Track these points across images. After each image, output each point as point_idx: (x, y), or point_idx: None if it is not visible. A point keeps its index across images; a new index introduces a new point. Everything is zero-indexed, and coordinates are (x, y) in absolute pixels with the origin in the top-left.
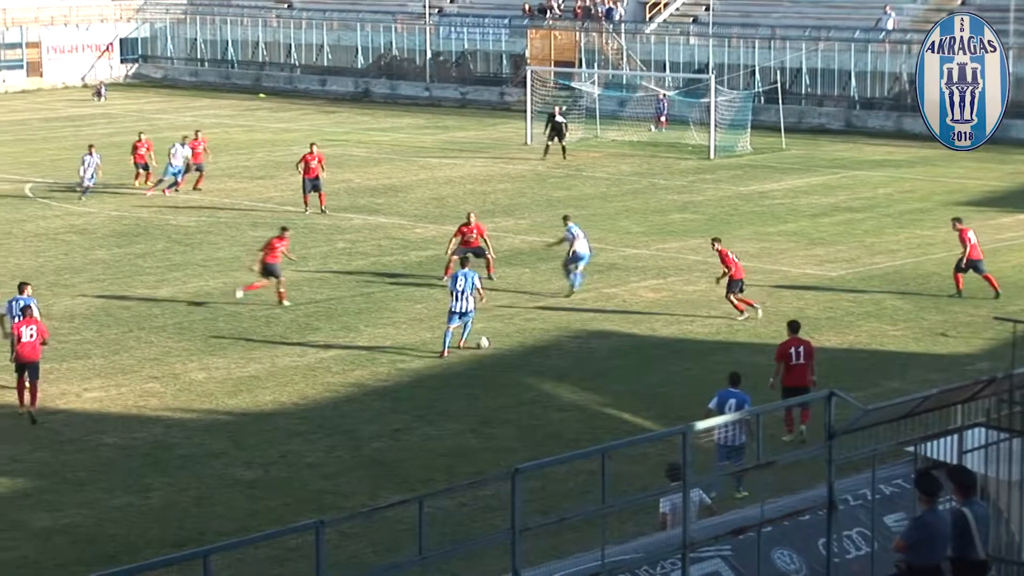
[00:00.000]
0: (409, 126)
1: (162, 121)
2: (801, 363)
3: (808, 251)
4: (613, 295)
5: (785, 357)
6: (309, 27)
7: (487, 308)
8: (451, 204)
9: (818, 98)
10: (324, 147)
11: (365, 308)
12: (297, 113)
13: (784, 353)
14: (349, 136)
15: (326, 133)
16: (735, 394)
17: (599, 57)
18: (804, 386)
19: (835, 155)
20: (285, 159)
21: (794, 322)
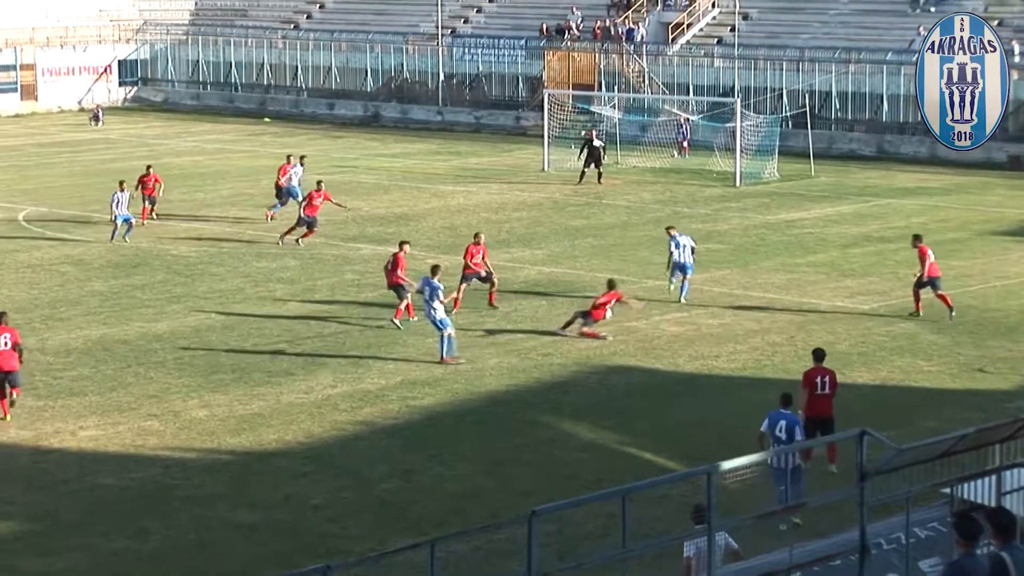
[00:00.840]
0: (421, 152)
1: (163, 147)
2: (826, 393)
3: (838, 283)
4: (634, 329)
5: (811, 385)
6: (316, 48)
7: (501, 343)
8: (464, 233)
9: (848, 123)
10: (333, 173)
11: (375, 342)
12: (304, 138)
13: (810, 381)
14: (358, 162)
15: (334, 159)
16: (785, 415)
17: (619, 80)
18: (827, 416)
19: (866, 182)
20: None
21: (819, 350)
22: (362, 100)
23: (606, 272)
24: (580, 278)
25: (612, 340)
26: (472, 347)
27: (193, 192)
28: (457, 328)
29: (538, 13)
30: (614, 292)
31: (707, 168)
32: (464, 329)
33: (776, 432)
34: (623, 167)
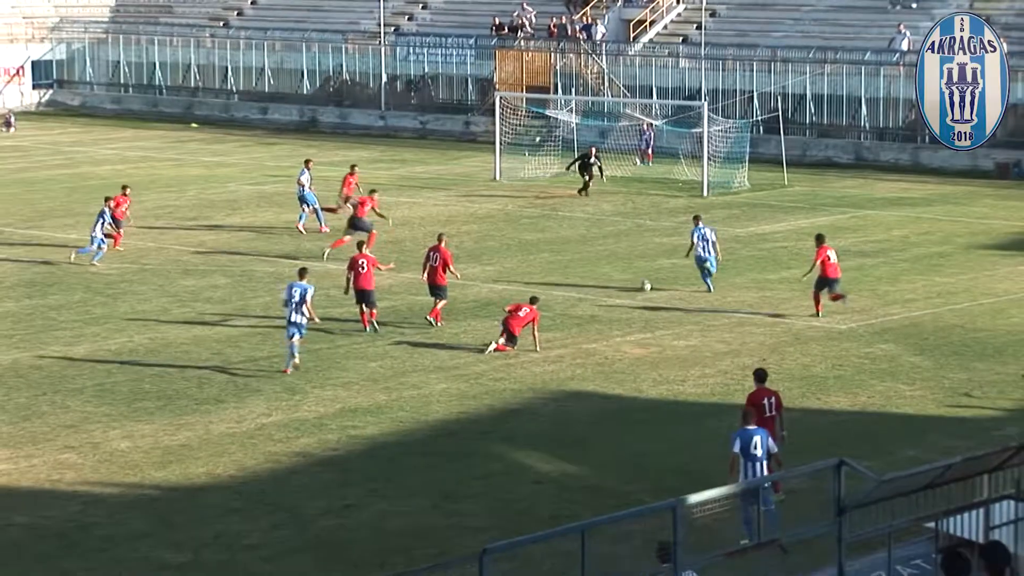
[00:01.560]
0: (362, 160)
1: (80, 155)
2: (772, 415)
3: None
4: (593, 351)
5: (759, 409)
6: (248, 48)
7: (449, 367)
8: (409, 248)
9: (824, 128)
10: (264, 184)
11: (312, 367)
12: (234, 145)
13: (757, 405)
14: (293, 171)
15: (267, 168)
16: (756, 431)
17: (577, 82)
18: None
19: (843, 192)
20: (220, 197)
21: (761, 371)
22: (298, 104)
23: (562, 290)
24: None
25: (516, 352)
26: (417, 371)
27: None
28: (401, 349)
29: (488, 9)
30: (533, 310)
31: (672, 177)
32: (409, 350)
33: (752, 450)
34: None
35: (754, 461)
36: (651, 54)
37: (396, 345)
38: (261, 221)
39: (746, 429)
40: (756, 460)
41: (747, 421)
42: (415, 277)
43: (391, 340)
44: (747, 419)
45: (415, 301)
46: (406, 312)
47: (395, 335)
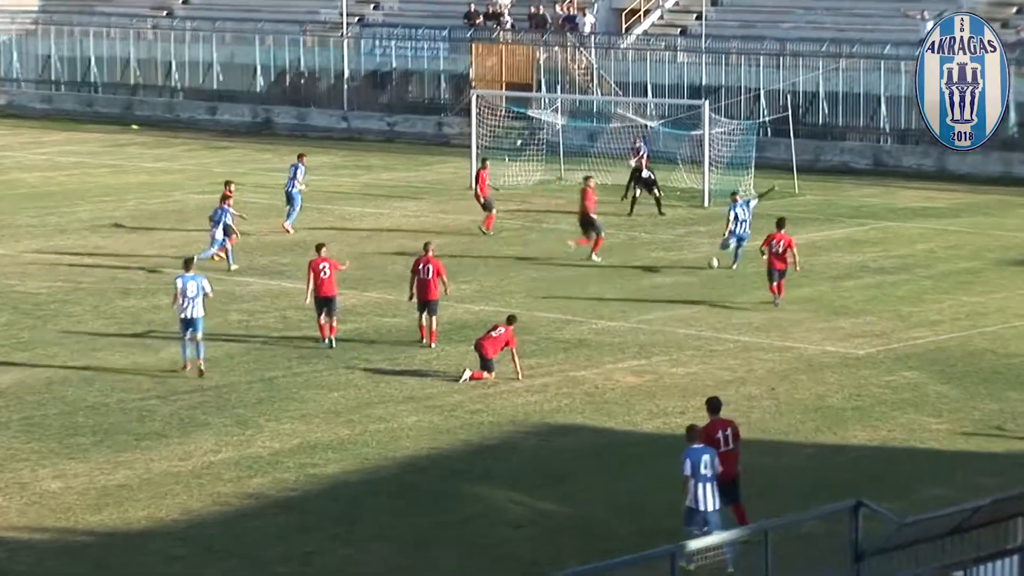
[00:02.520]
0: (322, 165)
1: (6, 160)
2: (732, 448)
3: (829, 323)
4: (582, 379)
5: (714, 444)
6: (195, 40)
7: (420, 397)
8: (376, 264)
9: (840, 130)
10: (213, 192)
11: (266, 398)
12: (179, 149)
13: (711, 438)
14: (246, 178)
15: (216, 174)
16: (705, 450)
17: (563, 78)
18: (734, 477)
19: (861, 202)
20: (164, 208)
21: (714, 400)
22: (251, 103)
23: (547, 311)
24: (517, 318)
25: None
26: (385, 403)
27: (44, 216)
28: (366, 377)
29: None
30: (509, 331)
31: (670, 185)
32: (375, 379)
33: (702, 470)
34: (568, 183)
35: (704, 480)
36: (645, 47)
37: (361, 373)
38: (209, 235)
39: (694, 448)
40: (706, 480)
41: (692, 440)
42: (382, 297)
43: (355, 367)
44: (692, 437)
45: (382, 323)
46: (372, 335)
47: (360, 361)
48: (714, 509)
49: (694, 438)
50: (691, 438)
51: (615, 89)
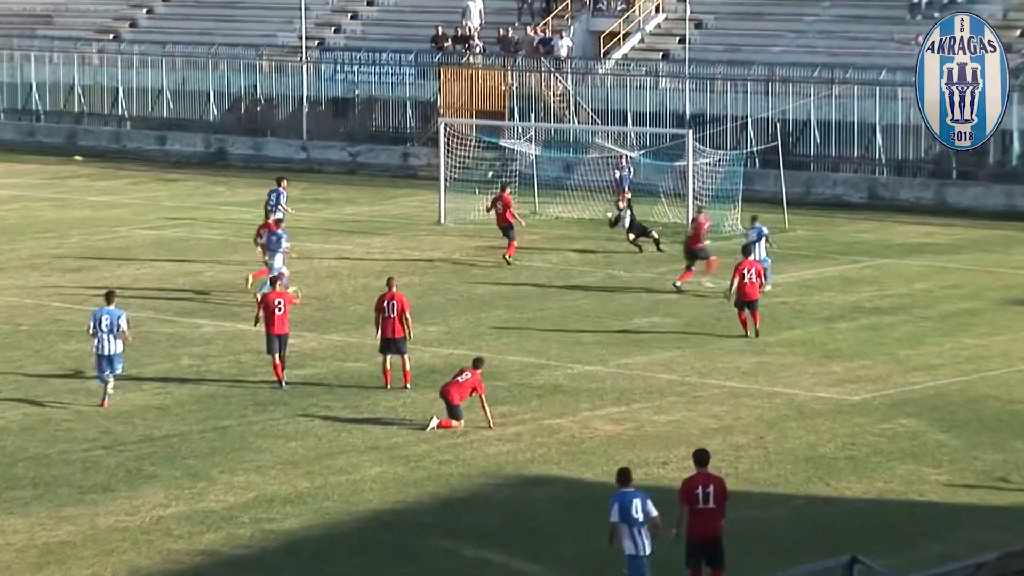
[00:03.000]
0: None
1: None
2: (711, 507)
3: (821, 367)
4: (558, 428)
5: (691, 499)
6: (143, 66)
7: (385, 447)
8: (337, 305)
9: (832, 161)
10: (162, 228)
11: (219, 447)
12: (126, 182)
13: (690, 494)
14: (197, 212)
15: (166, 208)
16: (636, 494)
17: (537, 106)
18: (715, 538)
19: (856, 237)
20: (109, 244)
21: (701, 452)
22: (203, 132)
23: (520, 355)
24: (487, 362)
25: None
26: (346, 452)
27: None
28: (327, 426)
29: (430, 19)
30: (476, 376)
31: (651, 219)
32: (336, 427)
33: (633, 514)
34: (542, 218)
35: (635, 525)
36: (625, 72)
37: (321, 421)
38: (159, 273)
39: (624, 492)
40: (638, 524)
41: (624, 482)
42: (343, 340)
43: (314, 415)
44: (623, 480)
45: (343, 368)
46: (333, 380)
47: (319, 408)
48: (648, 554)
49: (625, 481)
50: (622, 481)
51: (593, 117)
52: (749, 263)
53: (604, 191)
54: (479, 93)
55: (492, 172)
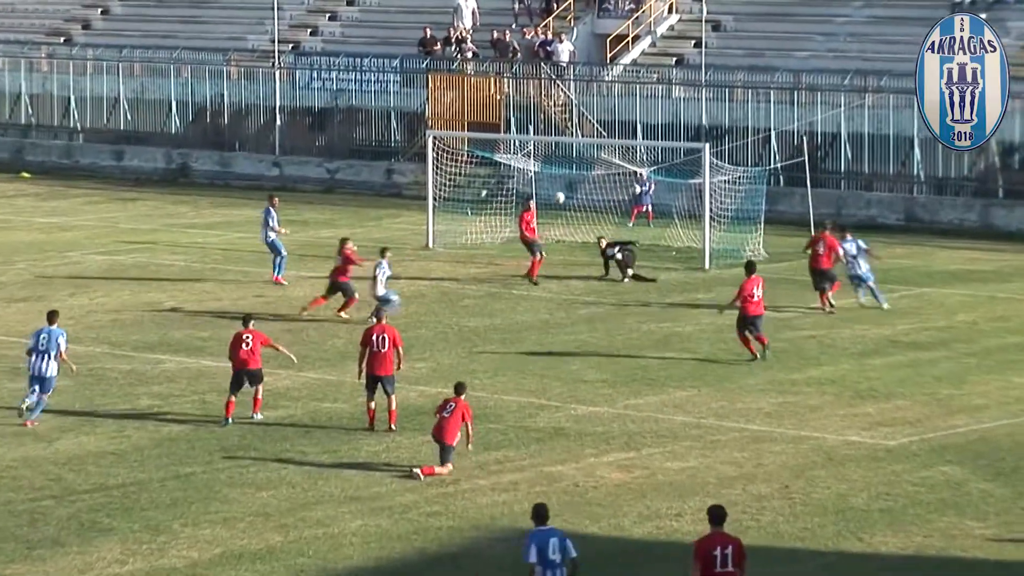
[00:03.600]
0: (249, 221)
1: None
2: (729, 571)
3: (852, 408)
4: (559, 475)
5: (705, 561)
6: (97, 72)
7: (366, 497)
8: (314, 340)
9: (865, 178)
10: (118, 253)
11: (182, 498)
12: (79, 201)
13: (705, 555)
14: (157, 236)
15: (123, 230)
16: (552, 532)
17: (536, 117)
18: None
19: (891, 264)
20: (60, 271)
21: (717, 509)
22: (164, 146)
23: (518, 395)
24: (481, 403)
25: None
26: (324, 503)
27: None
28: (302, 473)
29: (417, 20)
30: (463, 404)
31: (663, 243)
32: (312, 474)
33: (550, 555)
34: (545, 242)
35: (552, 568)
36: (635, 80)
37: (295, 468)
38: (115, 303)
39: (541, 530)
40: (555, 567)
41: (540, 520)
42: (320, 378)
43: (288, 460)
44: (539, 518)
45: (320, 409)
46: (309, 423)
47: (294, 454)
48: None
49: (542, 518)
50: (538, 518)
51: (598, 130)
52: (757, 280)
53: (611, 211)
54: (472, 103)
55: (486, 191)
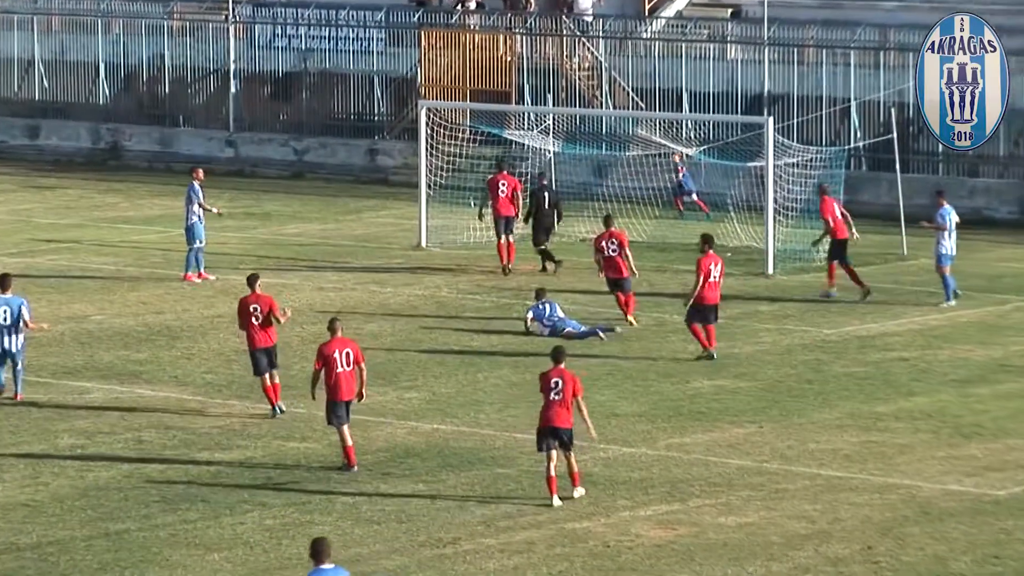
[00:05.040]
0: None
1: None
2: None
3: (953, 449)
4: (585, 533)
5: None
6: (6, 29)
7: (340, 559)
8: (278, 362)
9: (969, 161)
10: (35, 253)
11: (112, 561)
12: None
13: None
14: (82, 233)
15: (39, 226)
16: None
17: (557, 84)
18: None
19: (1002, 268)
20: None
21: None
22: (90, 121)
23: (533, 432)
24: (487, 442)
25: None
26: (291, 568)
27: None
28: (260, 529)
29: None
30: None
31: (716, 243)
32: (276, 532)
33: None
34: (565, 240)
35: None
36: (679, 37)
37: (254, 523)
38: (33, 314)
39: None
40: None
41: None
42: (286, 410)
43: (245, 513)
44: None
45: (284, 449)
46: (271, 467)
47: (252, 506)
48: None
49: (321, 556)
50: (317, 556)
51: (634, 100)
52: (715, 258)
53: (648, 202)
54: (475, 66)
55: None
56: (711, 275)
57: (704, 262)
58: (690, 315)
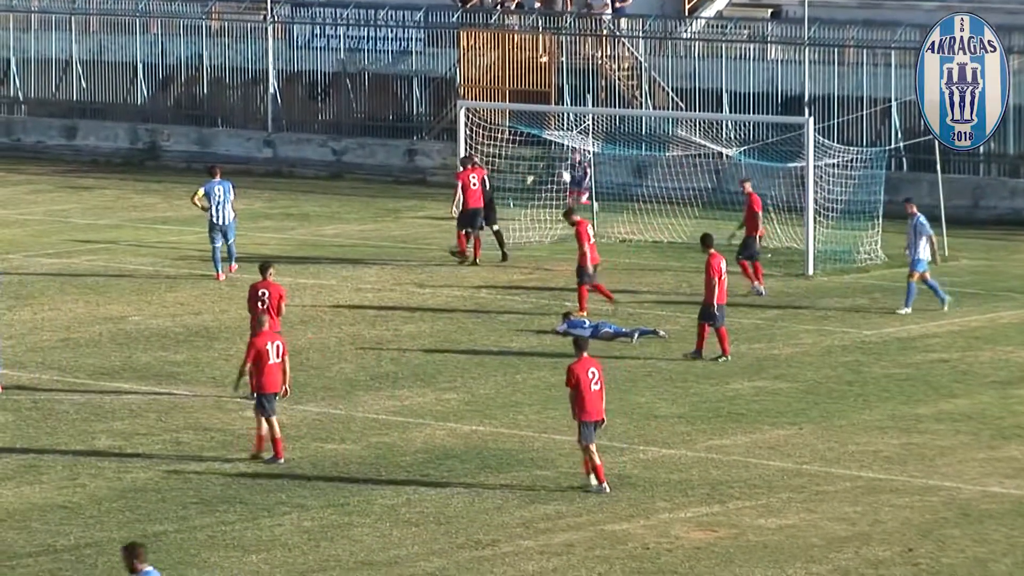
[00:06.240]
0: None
1: None
2: None
3: (994, 451)
4: (625, 535)
5: None
6: (44, 29)
7: (376, 562)
8: (316, 364)
9: (1011, 161)
10: (72, 255)
11: (150, 563)
12: (23, 188)
13: None
14: (119, 234)
15: (76, 226)
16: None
17: (596, 84)
18: None
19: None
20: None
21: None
22: (128, 121)
23: (572, 433)
24: (526, 443)
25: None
26: (330, 569)
27: None
28: (299, 530)
29: None
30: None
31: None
32: (315, 533)
33: None
34: (606, 241)
35: None
36: (719, 38)
37: (292, 524)
38: (66, 318)
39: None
40: None
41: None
42: (324, 412)
43: (284, 515)
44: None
45: (322, 451)
46: (308, 468)
47: (291, 507)
48: None
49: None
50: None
51: (674, 100)
52: (721, 257)
53: (688, 203)
54: (515, 66)
55: (533, 176)
56: (723, 275)
57: (715, 261)
58: (706, 315)
